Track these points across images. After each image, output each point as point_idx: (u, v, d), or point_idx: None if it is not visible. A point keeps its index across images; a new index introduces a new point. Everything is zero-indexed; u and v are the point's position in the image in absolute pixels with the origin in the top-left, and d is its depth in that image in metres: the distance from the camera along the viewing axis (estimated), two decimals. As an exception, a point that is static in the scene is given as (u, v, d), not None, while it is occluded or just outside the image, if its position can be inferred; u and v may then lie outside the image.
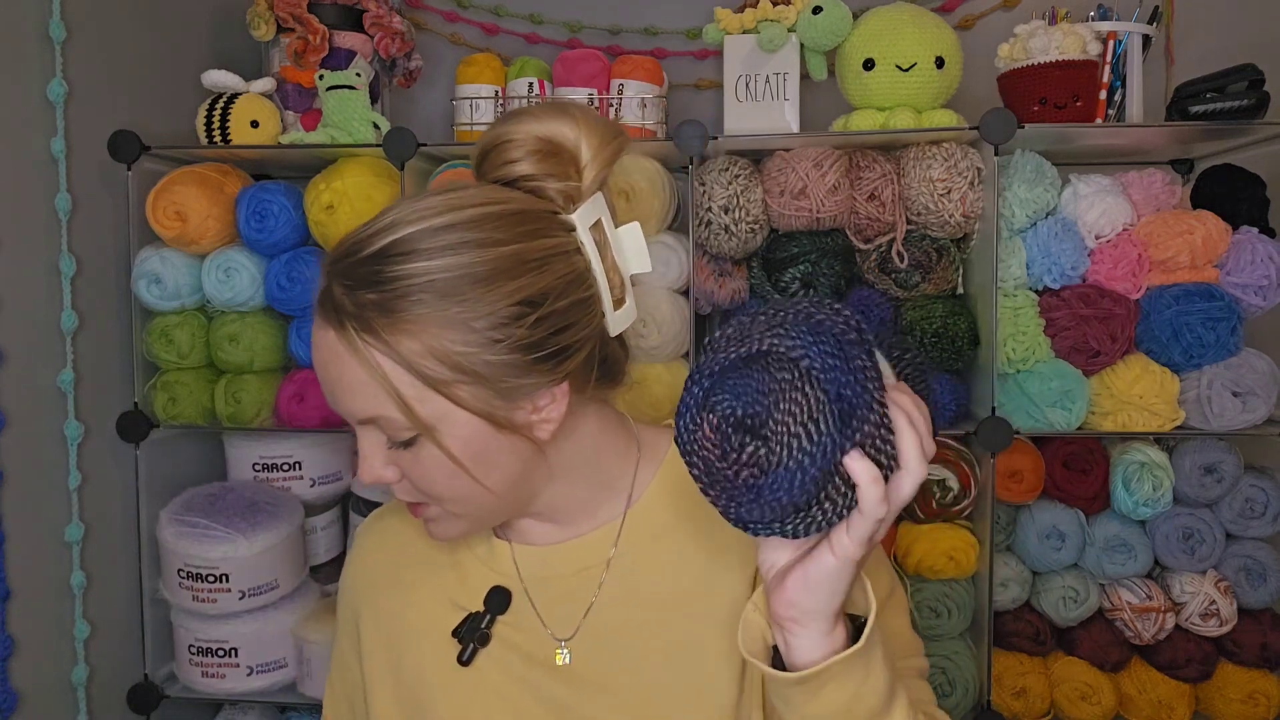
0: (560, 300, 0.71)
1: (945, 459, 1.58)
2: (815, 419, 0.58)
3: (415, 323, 0.68)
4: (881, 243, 1.56)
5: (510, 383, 0.71)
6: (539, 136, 0.74)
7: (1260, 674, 1.58)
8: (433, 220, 0.70)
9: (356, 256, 0.70)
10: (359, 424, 0.73)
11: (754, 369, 0.60)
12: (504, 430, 0.72)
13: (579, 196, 0.74)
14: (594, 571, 0.81)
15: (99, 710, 1.57)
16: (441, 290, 0.68)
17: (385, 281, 0.69)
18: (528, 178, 0.74)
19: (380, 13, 1.68)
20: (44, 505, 1.48)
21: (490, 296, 0.69)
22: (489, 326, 0.69)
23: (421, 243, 0.69)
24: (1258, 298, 1.50)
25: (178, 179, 1.59)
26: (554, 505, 0.81)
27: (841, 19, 1.54)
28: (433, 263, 0.69)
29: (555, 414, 0.74)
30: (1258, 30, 1.76)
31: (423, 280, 0.68)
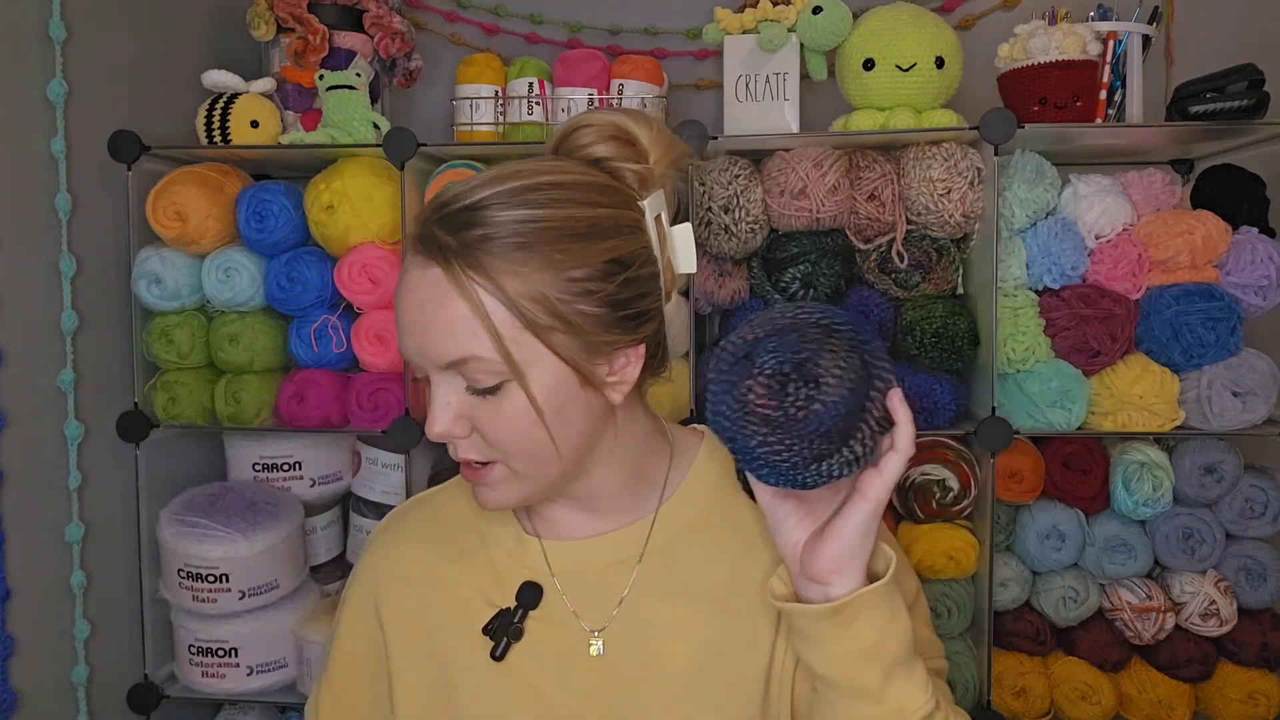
0: (643, 268, 0.77)
1: (945, 459, 1.58)
2: (849, 360, 0.68)
3: (519, 263, 0.71)
4: (881, 243, 1.56)
5: (598, 336, 0.74)
6: (616, 125, 0.79)
7: (1260, 674, 1.58)
8: (538, 178, 0.74)
9: (462, 203, 0.73)
10: (443, 369, 0.73)
11: (787, 336, 0.69)
12: (586, 385, 0.75)
13: (651, 182, 0.79)
14: (627, 565, 0.83)
15: (99, 710, 1.57)
16: (546, 237, 0.72)
17: (490, 224, 0.72)
18: (606, 159, 0.79)
19: (380, 13, 1.68)
20: (44, 505, 1.48)
21: (588, 250, 0.73)
22: (585, 278, 0.73)
23: (528, 195, 0.73)
24: (1258, 298, 1.50)
25: (178, 179, 1.59)
26: (595, 491, 0.83)
27: (841, 19, 1.54)
28: (540, 211, 0.72)
29: (630, 376, 0.78)
30: (1258, 30, 1.76)
31: (530, 226, 0.72)
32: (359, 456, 1.75)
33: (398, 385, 1.58)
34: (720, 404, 0.70)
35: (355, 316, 1.63)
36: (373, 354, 1.60)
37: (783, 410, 0.68)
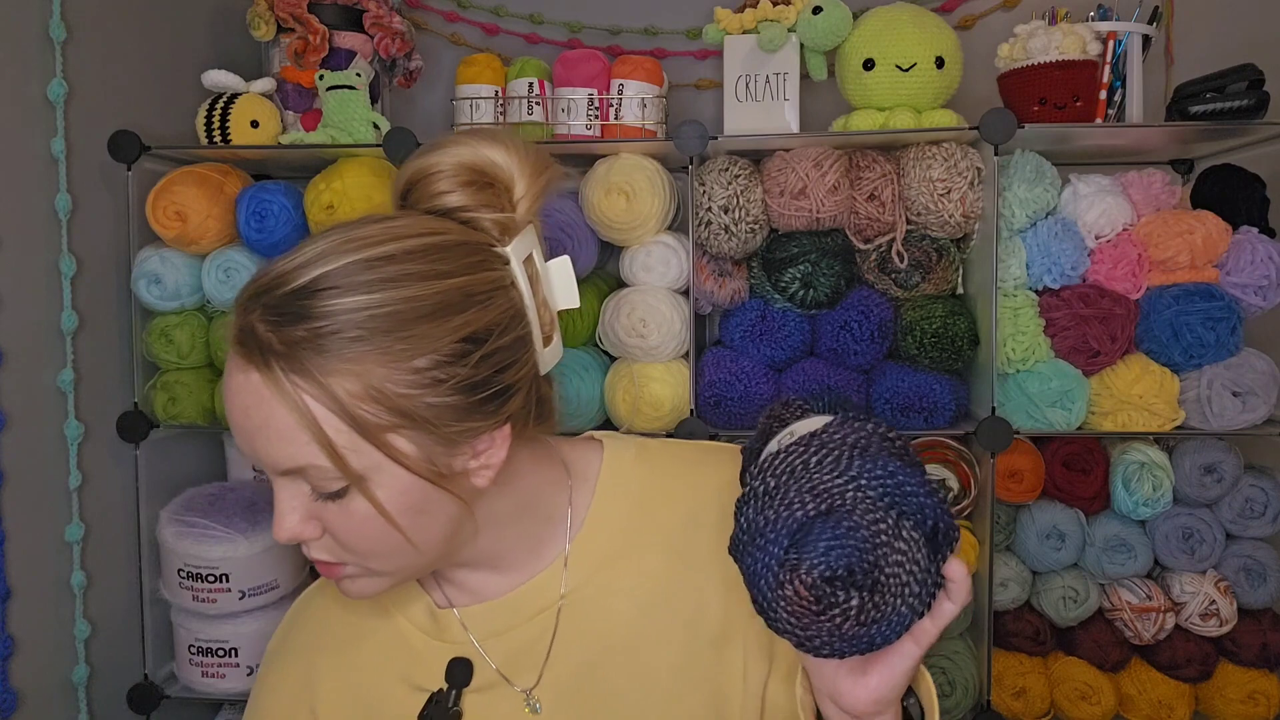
0: (503, 337, 0.67)
1: (945, 459, 1.58)
2: (917, 560, 0.58)
3: (353, 361, 0.62)
4: (881, 243, 1.56)
5: (452, 427, 0.66)
6: (469, 165, 0.70)
7: (1260, 674, 1.58)
8: (372, 250, 0.65)
9: (285, 289, 0.64)
10: (280, 475, 0.66)
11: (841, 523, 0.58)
12: (442, 480, 0.67)
13: (513, 228, 0.71)
14: (548, 614, 0.77)
15: (99, 710, 1.57)
16: (383, 326, 0.63)
17: (319, 316, 0.62)
18: (462, 209, 0.70)
19: (380, 13, 1.68)
20: (44, 505, 1.48)
21: (435, 332, 0.64)
22: (432, 365, 0.64)
23: (359, 275, 0.64)
24: (1258, 298, 1.50)
25: (178, 179, 1.59)
26: (493, 553, 0.77)
27: (841, 19, 1.54)
28: (373, 295, 0.63)
29: (496, 459, 0.69)
30: (1258, 30, 1.76)
31: (362, 315, 0.63)
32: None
33: (398, 385, 1.58)
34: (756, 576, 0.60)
35: (355, 316, 1.63)
36: (373, 354, 1.60)
37: (832, 621, 0.58)
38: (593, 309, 1.64)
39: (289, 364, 0.62)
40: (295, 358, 0.62)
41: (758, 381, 1.57)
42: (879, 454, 0.59)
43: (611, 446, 0.82)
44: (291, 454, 0.64)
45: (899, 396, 1.54)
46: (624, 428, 1.59)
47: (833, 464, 0.59)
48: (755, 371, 1.57)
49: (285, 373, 0.62)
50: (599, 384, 1.61)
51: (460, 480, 0.69)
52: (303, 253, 0.65)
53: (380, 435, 0.64)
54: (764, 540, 0.59)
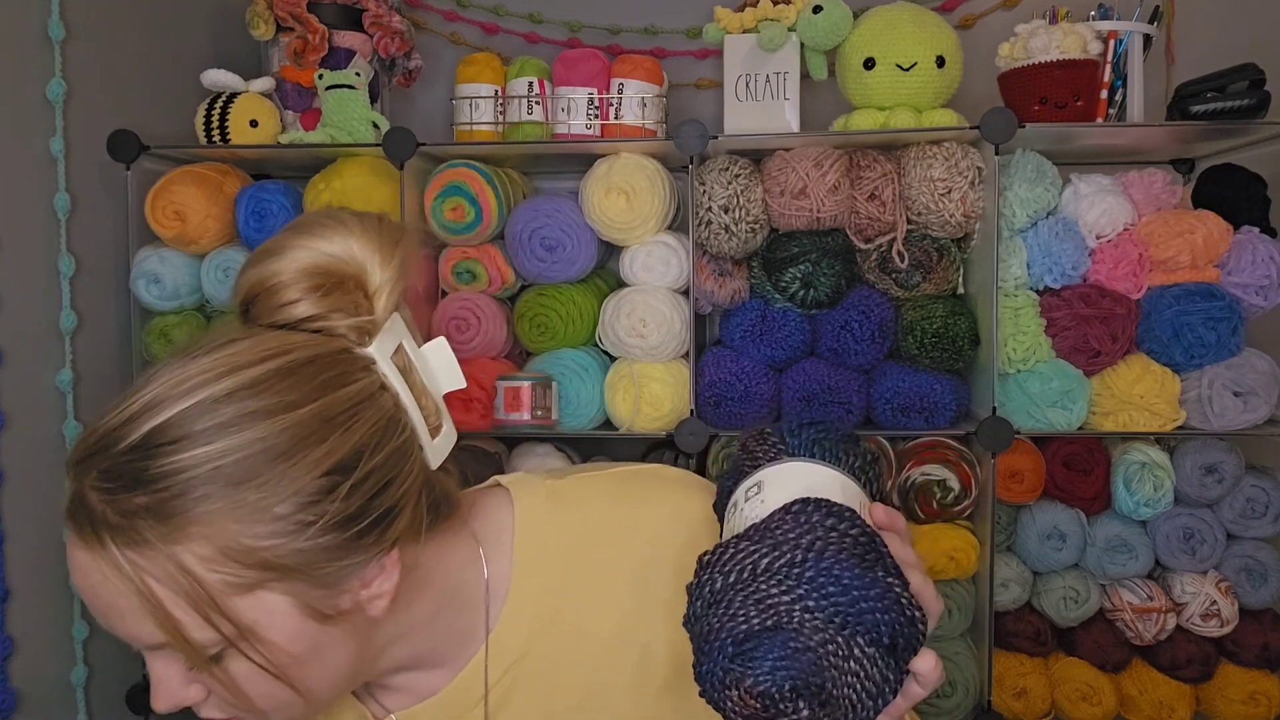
0: (376, 455, 0.60)
1: (946, 459, 1.58)
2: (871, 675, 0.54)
3: (201, 523, 0.55)
4: (882, 242, 1.56)
5: (330, 568, 0.59)
6: (313, 269, 0.62)
7: (1261, 674, 1.58)
8: (207, 390, 0.57)
9: (117, 448, 0.56)
10: (148, 650, 0.60)
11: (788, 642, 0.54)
12: (329, 623, 0.60)
13: (374, 328, 0.63)
14: (478, 709, 0.71)
15: (98, 710, 1.56)
16: (231, 477, 0.56)
17: (157, 478, 0.55)
18: (311, 318, 0.62)
19: (380, 12, 1.68)
20: (44, 505, 1.48)
21: (293, 473, 0.57)
22: (295, 509, 0.57)
23: (197, 422, 0.56)
24: (1259, 297, 1.50)
25: (177, 179, 1.58)
26: (415, 655, 0.70)
27: (842, 18, 1.54)
28: (214, 445, 0.56)
29: (388, 585, 0.63)
30: (1258, 30, 1.76)
31: (205, 469, 0.55)
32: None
33: (397, 385, 1.58)
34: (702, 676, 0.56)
35: (355, 316, 1.63)
36: (372, 354, 1.60)
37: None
38: (593, 309, 1.63)
39: (126, 539, 0.55)
40: (134, 529, 0.55)
41: (758, 381, 1.57)
42: (835, 558, 0.55)
43: (521, 498, 0.74)
44: (149, 632, 0.57)
45: (899, 396, 1.53)
46: (624, 428, 1.59)
47: (782, 573, 0.56)
48: (755, 371, 1.57)
49: (122, 549, 0.55)
50: (599, 384, 1.60)
51: (352, 615, 0.62)
52: (136, 398, 0.58)
53: (246, 595, 0.57)
54: (710, 647, 0.56)
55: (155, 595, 0.56)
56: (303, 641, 0.60)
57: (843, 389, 1.56)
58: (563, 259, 1.59)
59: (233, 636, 0.57)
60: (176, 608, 0.56)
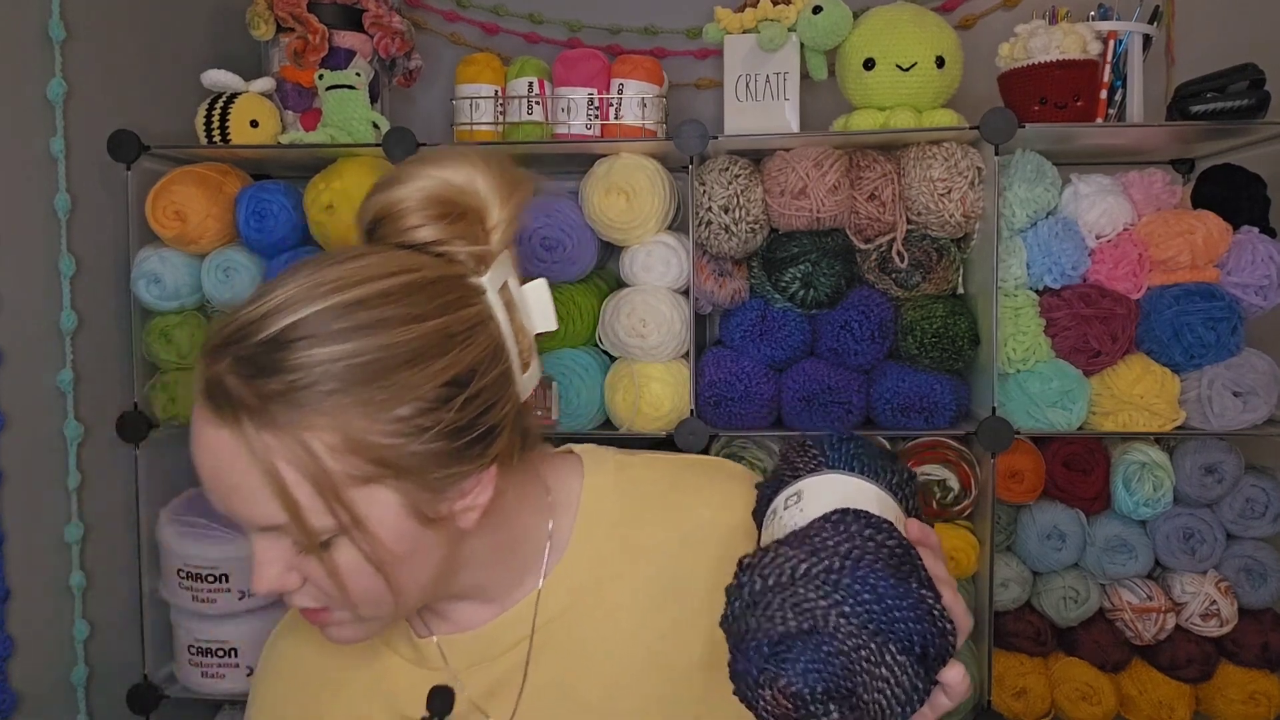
0: (486, 376, 0.64)
1: (946, 459, 1.58)
2: (901, 683, 0.56)
3: (331, 414, 0.59)
4: (882, 242, 1.56)
5: (438, 473, 0.63)
6: (440, 197, 0.67)
7: (1261, 674, 1.58)
8: (341, 296, 0.61)
9: (253, 340, 0.60)
10: (260, 531, 0.63)
11: (821, 646, 0.56)
12: (429, 526, 0.65)
13: (489, 259, 0.67)
14: (522, 647, 0.75)
15: (99, 710, 1.56)
16: (360, 375, 0.60)
17: (294, 368, 0.59)
18: (435, 242, 0.66)
19: (380, 12, 1.68)
20: (44, 505, 1.48)
21: (416, 379, 0.61)
22: (415, 413, 0.61)
23: (333, 323, 0.60)
24: (1258, 298, 1.50)
25: (177, 179, 1.58)
26: (474, 586, 0.74)
27: (842, 18, 1.54)
28: (347, 345, 0.60)
29: (482, 499, 0.67)
30: (1258, 30, 1.76)
31: (339, 365, 0.59)
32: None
33: (397, 385, 1.58)
34: (737, 675, 0.58)
35: (355, 316, 1.63)
36: (372, 354, 1.60)
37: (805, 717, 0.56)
38: (593, 309, 1.63)
39: (262, 420, 0.59)
40: (269, 413, 0.59)
41: (758, 381, 1.57)
42: (871, 567, 0.57)
43: (591, 466, 0.79)
44: (268, 513, 0.61)
45: (899, 396, 1.53)
46: (624, 428, 1.59)
47: (820, 578, 0.57)
48: (755, 371, 1.57)
49: (259, 430, 0.59)
50: (599, 384, 1.60)
51: (446, 524, 0.66)
52: (272, 298, 0.62)
53: (361, 488, 0.61)
54: (746, 646, 0.57)
55: (282, 477, 0.60)
56: (404, 541, 0.64)
57: (843, 389, 1.56)
58: (563, 259, 1.59)
59: (347, 524, 0.61)
60: (300, 490, 0.60)
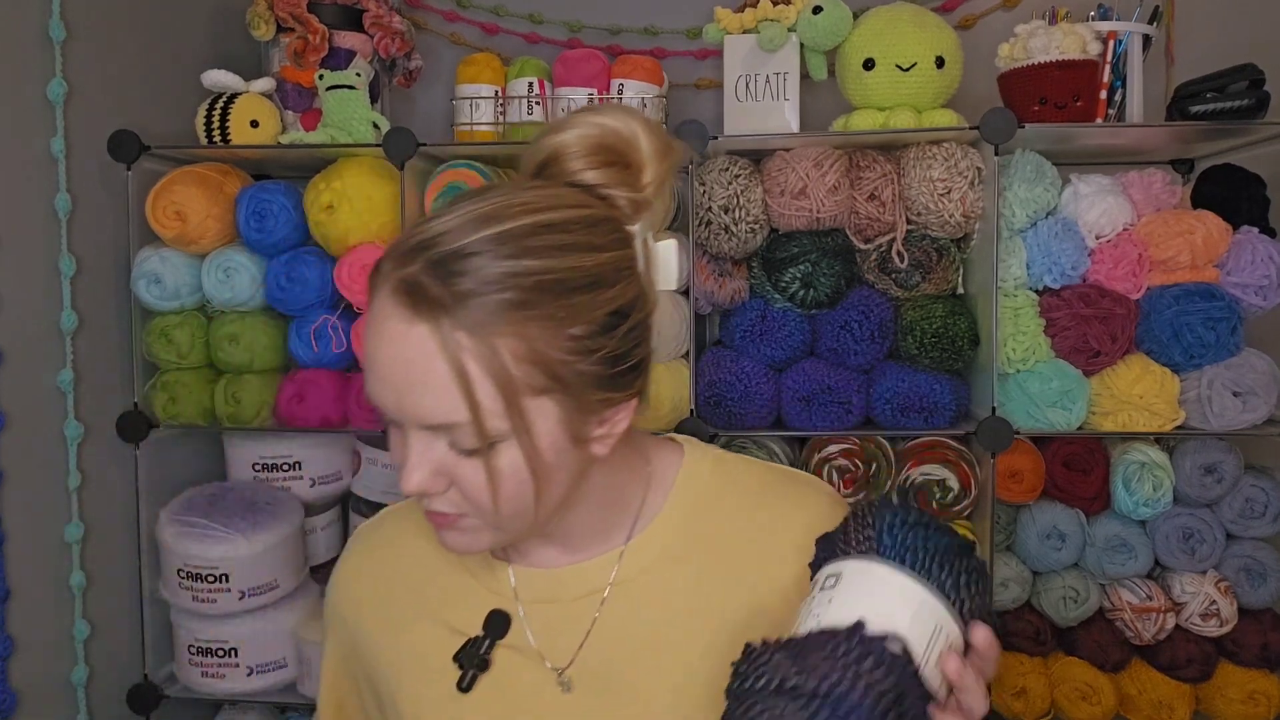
0: (640, 312, 0.70)
1: (945, 459, 1.58)
2: None
3: (517, 324, 0.64)
4: (882, 242, 1.56)
5: (594, 395, 0.68)
6: (604, 145, 0.72)
7: (1260, 674, 1.58)
8: (531, 217, 0.66)
9: (450, 247, 0.64)
10: (424, 428, 0.66)
11: None
12: (575, 445, 0.69)
13: (644, 209, 0.72)
14: (593, 599, 0.78)
15: (99, 710, 1.56)
16: (545, 292, 0.64)
17: (490, 278, 0.63)
18: (600, 185, 0.71)
19: (380, 12, 1.68)
20: (44, 505, 1.48)
21: (590, 304, 0.66)
22: (586, 334, 0.66)
23: (524, 239, 0.65)
24: (1258, 298, 1.50)
25: (177, 179, 1.59)
26: (569, 528, 0.78)
27: (841, 19, 1.54)
28: (540, 261, 0.65)
29: (619, 429, 0.72)
30: (1258, 30, 1.76)
31: (530, 279, 0.64)
32: (359, 456, 1.75)
33: (398, 385, 1.58)
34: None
35: (355, 316, 1.63)
36: (373, 354, 1.60)
37: None
38: (593, 309, 1.63)
39: (457, 320, 0.63)
40: (465, 314, 0.63)
41: (758, 381, 1.57)
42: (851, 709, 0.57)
43: (691, 453, 0.83)
44: (445, 410, 0.64)
45: (899, 396, 1.53)
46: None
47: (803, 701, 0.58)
48: (755, 371, 1.57)
49: (453, 329, 0.63)
50: (599, 384, 1.60)
51: (585, 448, 0.71)
52: (462, 212, 0.66)
53: (533, 397, 0.65)
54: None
55: (470, 375, 0.63)
56: (556, 455, 0.68)
57: (842, 389, 1.56)
58: (563, 259, 1.59)
59: (519, 429, 0.65)
60: (483, 391, 0.64)
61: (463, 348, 0.63)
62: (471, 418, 0.64)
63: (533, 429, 0.66)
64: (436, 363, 0.63)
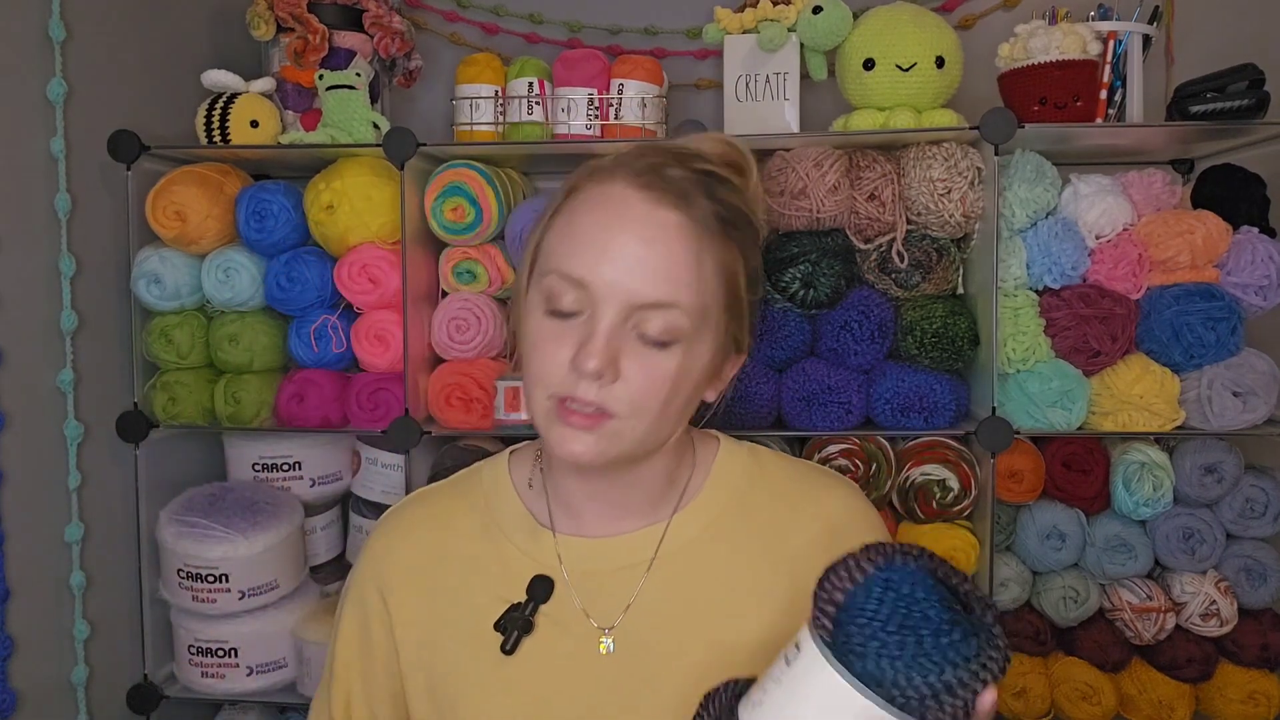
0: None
1: (945, 459, 1.58)
2: None
3: (735, 241, 0.77)
4: (882, 243, 1.56)
5: (741, 333, 0.80)
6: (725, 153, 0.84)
7: (1260, 674, 1.58)
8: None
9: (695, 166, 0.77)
10: (631, 308, 0.73)
11: None
12: (707, 379, 0.79)
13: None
14: (637, 569, 0.82)
15: (99, 710, 1.56)
16: (745, 226, 0.78)
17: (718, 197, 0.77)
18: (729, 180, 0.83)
19: (380, 12, 1.68)
20: (44, 505, 1.48)
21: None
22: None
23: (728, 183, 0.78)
24: (1258, 298, 1.50)
25: (177, 179, 1.58)
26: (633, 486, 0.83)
27: (841, 19, 1.54)
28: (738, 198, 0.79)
29: (727, 379, 0.82)
30: (1258, 30, 1.76)
31: (740, 213, 0.78)
32: (358, 457, 1.75)
33: (397, 385, 1.58)
34: None
35: (355, 316, 1.63)
36: (373, 354, 1.60)
37: None
38: (593, 309, 1.63)
39: (695, 213, 0.75)
40: (700, 212, 0.75)
41: (758, 381, 1.57)
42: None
43: (727, 444, 0.90)
44: (670, 290, 0.73)
45: (899, 396, 1.53)
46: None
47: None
48: (755, 371, 1.57)
49: (694, 219, 0.74)
50: (599, 384, 1.60)
51: (704, 388, 0.80)
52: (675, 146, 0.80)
53: (722, 312, 0.77)
54: None
55: (702, 261, 0.74)
56: (704, 372, 0.78)
57: (843, 389, 1.56)
58: (563, 259, 1.59)
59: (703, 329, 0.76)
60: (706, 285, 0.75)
61: (700, 238, 0.74)
62: (692, 297, 0.74)
63: (709, 336, 0.77)
64: (679, 246, 0.74)
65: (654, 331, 0.73)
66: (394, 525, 0.91)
